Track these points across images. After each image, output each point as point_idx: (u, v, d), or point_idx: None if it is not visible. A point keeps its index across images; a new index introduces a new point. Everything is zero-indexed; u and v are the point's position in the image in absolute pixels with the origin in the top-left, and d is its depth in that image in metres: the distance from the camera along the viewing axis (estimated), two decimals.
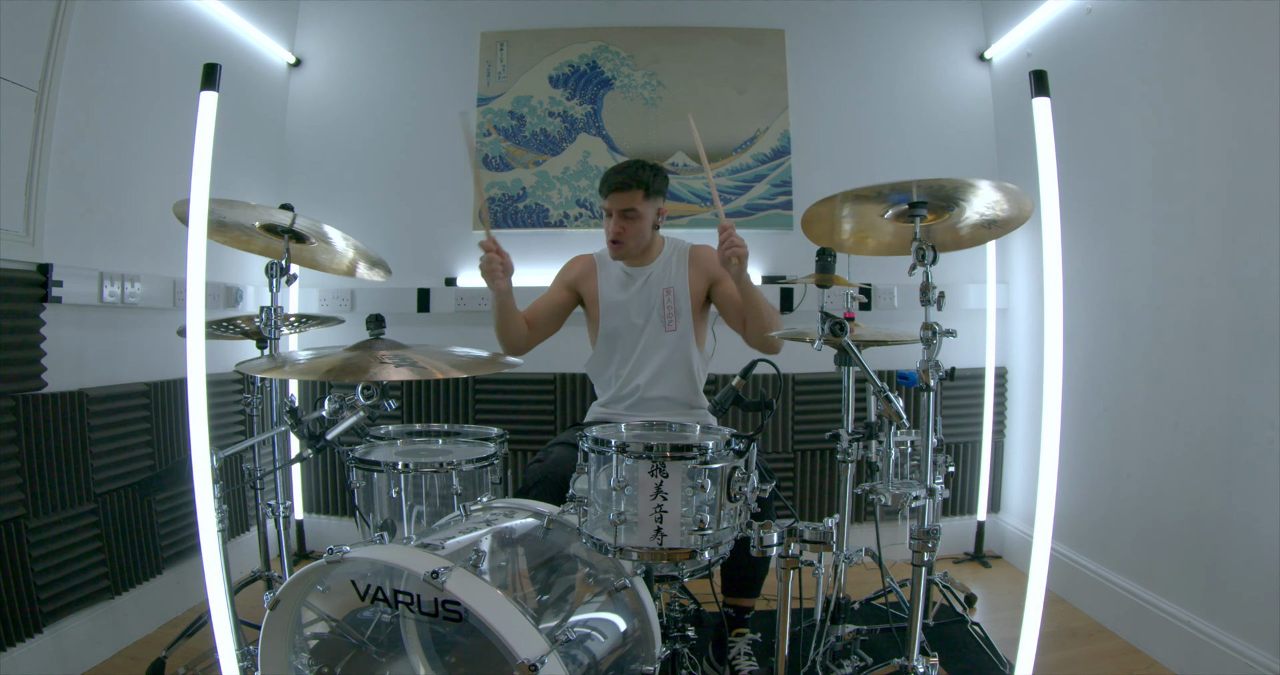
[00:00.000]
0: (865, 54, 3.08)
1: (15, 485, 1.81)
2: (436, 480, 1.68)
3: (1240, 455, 1.84)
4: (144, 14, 2.26)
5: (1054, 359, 1.43)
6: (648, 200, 2.06)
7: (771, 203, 3.03)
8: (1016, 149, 2.96)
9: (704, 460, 1.23)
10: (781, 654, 1.29)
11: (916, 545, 1.41)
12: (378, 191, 3.07)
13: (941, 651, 1.73)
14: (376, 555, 1.15)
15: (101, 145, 2.11)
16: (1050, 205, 1.43)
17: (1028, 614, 1.42)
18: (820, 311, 1.49)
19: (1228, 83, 1.89)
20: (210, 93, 1.44)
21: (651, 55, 3.08)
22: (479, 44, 3.08)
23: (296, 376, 1.64)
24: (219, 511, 1.47)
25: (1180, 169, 2.06)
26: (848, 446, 1.95)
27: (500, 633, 1.04)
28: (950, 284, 2.92)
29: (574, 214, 3.03)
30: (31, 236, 1.87)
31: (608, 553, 1.26)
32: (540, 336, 2.20)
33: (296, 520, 2.97)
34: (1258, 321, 1.79)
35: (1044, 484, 1.43)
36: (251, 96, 2.88)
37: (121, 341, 2.19)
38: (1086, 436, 2.42)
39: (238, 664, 1.48)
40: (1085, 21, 2.44)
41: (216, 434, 2.55)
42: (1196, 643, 1.92)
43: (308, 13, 3.11)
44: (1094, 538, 2.42)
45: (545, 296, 2.23)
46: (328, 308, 3.00)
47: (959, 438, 3.00)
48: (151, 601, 2.23)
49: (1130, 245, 2.26)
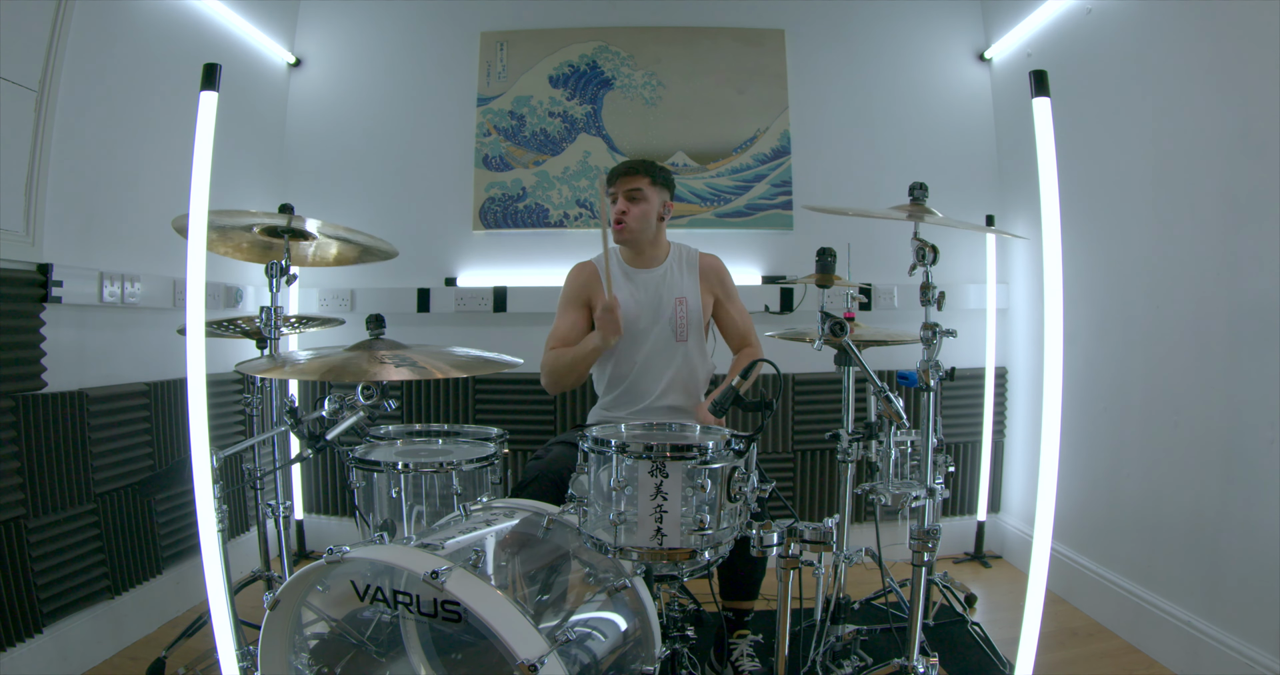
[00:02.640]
0: (865, 54, 3.08)
1: (15, 485, 1.81)
2: (436, 480, 1.68)
3: (1240, 455, 1.84)
4: (144, 14, 2.26)
5: (1054, 359, 1.43)
6: (654, 186, 2.06)
7: (771, 203, 3.03)
8: (1016, 149, 2.96)
9: (704, 460, 1.23)
10: (781, 654, 1.29)
11: (916, 545, 1.41)
12: (378, 191, 3.06)
13: (941, 651, 1.73)
14: (376, 555, 1.15)
15: (101, 145, 2.11)
16: (1050, 205, 1.43)
17: (1028, 614, 1.42)
18: (820, 311, 1.49)
19: (1228, 83, 1.89)
20: (210, 93, 1.44)
21: (651, 55, 3.08)
22: (479, 44, 3.08)
23: (296, 376, 1.64)
24: (219, 511, 1.47)
25: (1180, 169, 2.06)
26: (848, 446, 1.95)
27: (500, 633, 1.04)
28: (950, 284, 2.92)
29: (574, 214, 3.03)
30: (31, 236, 1.87)
31: (608, 553, 1.26)
32: None
33: (296, 520, 2.97)
34: (1257, 321, 1.79)
35: (1044, 484, 1.43)
36: (251, 96, 2.88)
37: (121, 341, 2.19)
38: (1086, 436, 2.42)
39: (238, 664, 1.48)
40: (1085, 22, 2.44)
41: (216, 434, 2.55)
42: (1196, 643, 1.92)
43: (308, 13, 3.11)
44: (1094, 538, 2.42)
45: (566, 321, 2.11)
46: (327, 308, 3.00)
47: (959, 438, 3.00)
48: (151, 601, 2.23)
49: (1130, 245, 2.26)
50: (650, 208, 2.06)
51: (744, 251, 3.02)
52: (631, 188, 2.04)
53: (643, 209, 2.04)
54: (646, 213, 2.05)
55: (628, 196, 2.04)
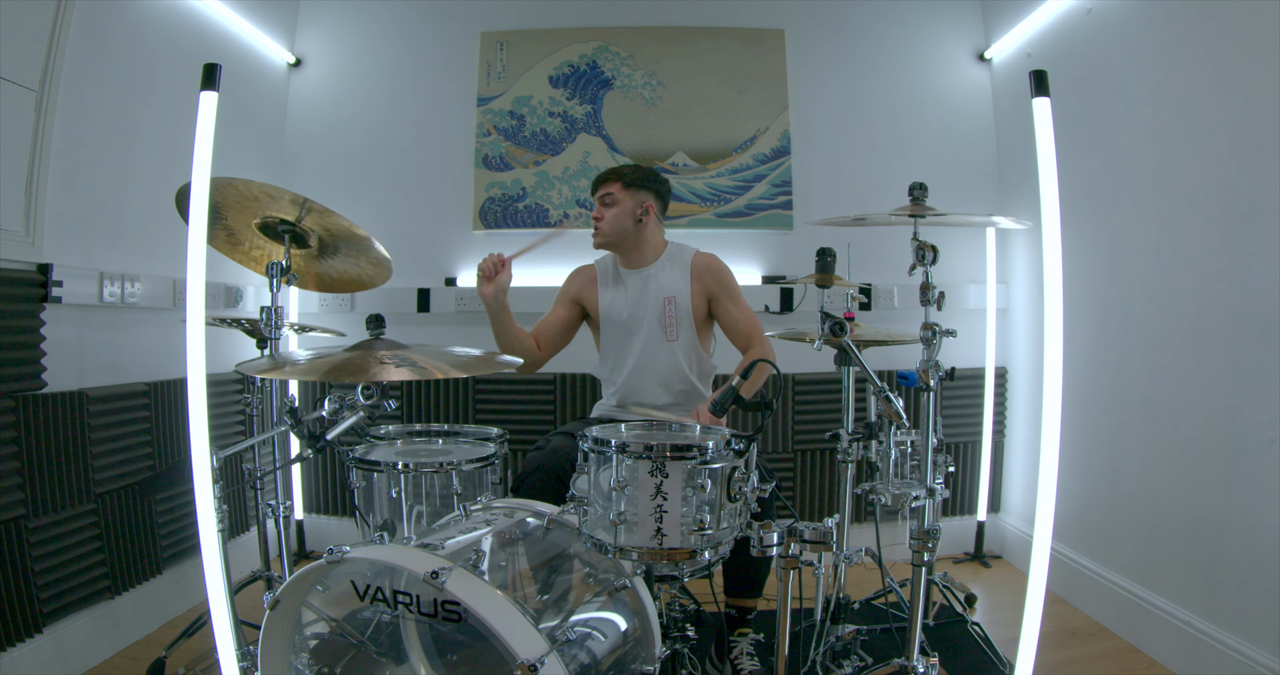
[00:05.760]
0: (865, 54, 3.08)
1: (15, 485, 1.80)
2: (436, 480, 1.68)
3: (1240, 455, 1.84)
4: (144, 14, 2.26)
5: (1054, 359, 1.43)
6: (626, 190, 2.10)
7: (771, 203, 3.03)
8: (1016, 149, 2.96)
9: (704, 460, 1.23)
10: (781, 654, 1.29)
11: (916, 545, 1.41)
12: (378, 191, 3.06)
13: (941, 651, 1.73)
14: (376, 555, 1.15)
15: (101, 145, 2.11)
16: (1050, 205, 1.43)
17: (1028, 614, 1.42)
18: (820, 311, 1.49)
19: (1228, 83, 1.89)
20: (210, 93, 1.44)
21: (651, 55, 3.08)
22: (479, 44, 3.08)
23: (296, 377, 1.64)
24: (219, 511, 1.47)
25: (1180, 169, 2.06)
26: (848, 446, 1.95)
27: (500, 633, 1.04)
28: (950, 284, 2.92)
29: (574, 214, 3.03)
30: (31, 236, 1.87)
31: (608, 553, 1.26)
32: (550, 353, 2.21)
33: (296, 520, 2.97)
34: (1258, 321, 1.79)
35: (1044, 484, 1.44)
36: (251, 96, 2.88)
37: (121, 341, 2.19)
38: (1086, 436, 2.42)
39: (238, 664, 1.48)
40: (1085, 22, 2.44)
41: (216, 434, 2.55)
42: (1196, 643, 1.92)
43: (308, 13, 3.11)
44: (1094, 538, 2.42)
45: (550, 313, 2.23)
46: (327, 308, 3.00)
47: (959, 438, 3.00)
48: (151, 601, 2.23)
49: (1130, 245, 2.26)
50: (623, 211, 2.10)
51: (744, 251, 3.02)
52: (604, 193, 2.12)
53: (615, 212, 2.10)
54: (619, 215, 2.10)
55: (602, 202, 2.12)
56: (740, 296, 2.16)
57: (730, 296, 2.14)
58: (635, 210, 2.10)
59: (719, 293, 2.13)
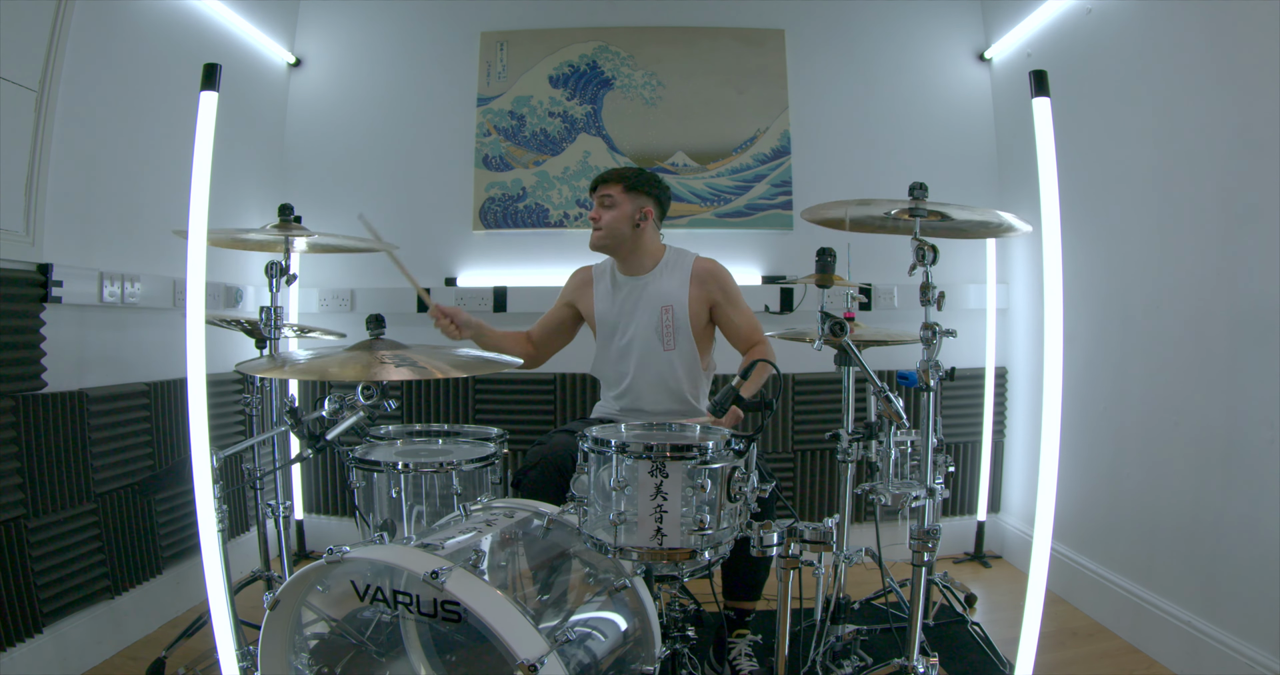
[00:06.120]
0: (865, 54, 3.08)
1: (15, 485, 1.80)
2: (436, 480, 1.68)
3: (1240, 455, 1.84)
4: (144, 14, 2.26)
5: (1054, 359, 1.43)
6: (626, 193, 2.08)
7: (771, 203, 3.03)
8: (1016, 149, 2.96)
9: (704, 460, 1.23)
10: (781, 654, 1.29)
11: (916, 545, 1.41)
12: (378, 191, 3.06)
13: (941, 651, 1.73)
14: (376, 555, 1.15)
15: (101, 145, 2.11)
16: (1050, 205, 1.43)
17: (1028, 614, 1.43)
18: (820, 311, 1.49)
19: (1228, 83, 1.89)
20: (210, 93, 1.44)
21: (651, 55, 3.08)
22: (479, 44, 3.08)
23: (296, 376, 1.64)
24: (219, 511, 1.47)
25: (1180, 169, 2.06)
26: (848, 446, 1.95)
27: (500, 633, 1.04)
28: (950, 284, 2.92)
29: (574, 214, 3.03)
30: (31, 236, 1.87)
31: (608, 553, 1.26)
32: (549, 352, 2.22)
33: (296, 520, 2.97)
34: (1258, 322, 1.79)
35: (1044, 484, 1.44)
36: (251, 96, 2.88)
37: (121, 341, 2.19)
38: (1086, 436, 2.42)
39: (238, 664, 1.48)
40: (1085, 21, 2.44)
41: (216, 434, 2.55)
42: (1196, 643, 1.92)
43: (308, 13, 3.11)
44: (1094, 538, 2.42)
45: (550, 313, 2.26)
46: (327, 308, 3.00)
47: (959, 438, 3.00)
48: (151, 601, 2.23)
49: (1130, 245, 2.26)
50: (622, 214, 2.07)
51: (744, 251, 3.02)
52: (604, 194, 2.09)
53: (613, 215, 2.07)
54: (617, 218, 2.07)
55: (601, 202, 2.10)
56: (741, 301, 2.15)
57: (732, 303, 2.12)
58: (634, 214, 2.08)
59: (721, 299, 2.11)
